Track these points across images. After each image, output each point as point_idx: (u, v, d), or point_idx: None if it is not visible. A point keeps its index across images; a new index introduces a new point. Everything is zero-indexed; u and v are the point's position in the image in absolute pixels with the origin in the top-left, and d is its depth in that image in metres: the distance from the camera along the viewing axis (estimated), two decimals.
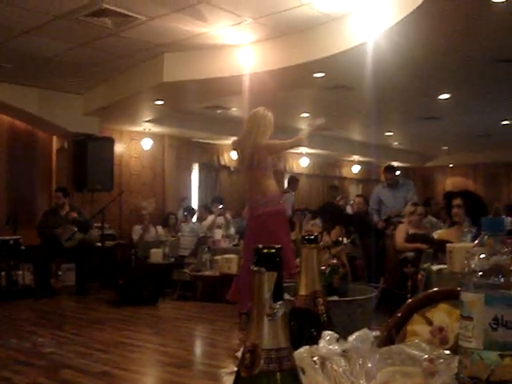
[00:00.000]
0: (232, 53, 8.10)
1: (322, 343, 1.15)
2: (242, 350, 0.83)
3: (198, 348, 6.12)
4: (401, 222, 7.89)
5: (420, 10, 5.85)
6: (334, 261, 1.59)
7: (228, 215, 10.97)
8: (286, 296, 1.49)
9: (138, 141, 12.56)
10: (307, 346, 1.14)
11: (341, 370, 1.10)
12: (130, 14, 6.90)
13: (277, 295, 0.78)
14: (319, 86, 9.14)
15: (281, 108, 11.23)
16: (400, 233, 7.66)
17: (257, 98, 9.76)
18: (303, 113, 12.13)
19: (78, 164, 10.94)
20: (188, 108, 11.24)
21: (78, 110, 10.66)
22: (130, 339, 5.87)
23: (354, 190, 18.61)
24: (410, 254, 7.30)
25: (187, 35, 7.69)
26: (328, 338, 1.17)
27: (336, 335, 1.17)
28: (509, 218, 10.84)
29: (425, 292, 1.82)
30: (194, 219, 11.94)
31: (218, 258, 8.39)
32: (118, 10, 6.78)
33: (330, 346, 1.14)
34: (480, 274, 1.13)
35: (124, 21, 7.13)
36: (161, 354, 5.47)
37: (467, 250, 1.19)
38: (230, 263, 8.08)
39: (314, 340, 1.17)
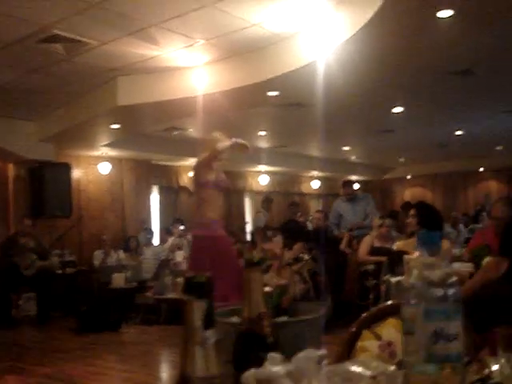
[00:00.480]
0: (185, 74, 8.11)
1: (266, 365, 1.16)
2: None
3: (163, 373, 6.06)
4: (365, 235, 7.97)
5: (368, 27, 5.94)
6: (282, 282, 1.61)
7: (189, 236, 10.92)
8: (233, 319, 1.50)
9: (96, 165, 12.46)
10: (253, 369, 1.15)
11: None
12: (82, 39, 6.88)
13: (208, 323, 0.79)
14: (274, 104, 9.21)
15: (238, 127, 11.31)
16: (364, 245, 7.73)
17: (213, 119, 9.84)
18: (260, 131, 12.20)
19: (36, 191, 10.83)
20: (145, 131, 11.22)
21: (33, 136, 10.53)
22: (93, 367, 5.79)
23: (314, 206, 18.70)
24: (371, 267, 7.38)
25: (140, 58, 7.69)
26: (272, 359, 1.18)
27: (280, 357, 1.18)
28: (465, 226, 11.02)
29: (375, 307, 1.84)
30: (156, 242, 11.88)
31: (180, 280, 8.34)
32: (70, 35, 6.75)
33: (275, 368, 1.15)
34: (418, 288, 1.15)
35: (76, 46, 7.10)
36: (125, 380, 5.40)
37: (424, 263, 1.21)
38: None
39: (260, 363, 1.18)
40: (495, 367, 1.27)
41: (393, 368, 1.17)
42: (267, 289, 1.47)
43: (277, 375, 1.14)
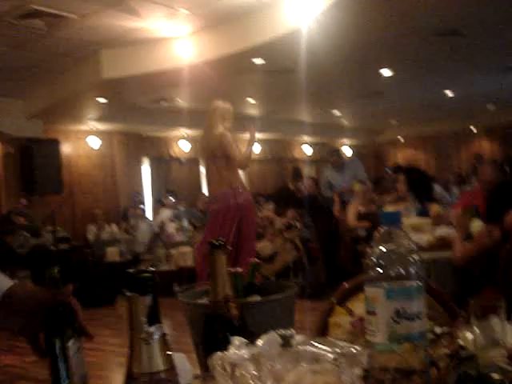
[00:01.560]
0: (169, 45, 8.03)
1: (231, 349, 1.15)
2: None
3: None
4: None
5: None
6: (255, 259, 1.59)
7: (181, 207, 10.92)
8: (203, 301, 1.49)
9: (85, 140, 12.37)
10: (218, 353, 1.14)
11: (249, 375, 1.10)
12: (61, 13, 6.78)
13: (153, 319, 0.77)
14: (260, 71, 9.13)
15: (225, 95, 11.19)
16: (350, 211, 7.73)
17: (199, 88, 9.78)
18: (248, 98, 12.12)
19: (26, 168, 10.78)
20: (132, 103, 11.12)
21: (20, 114, 10.45)
22: (89, 343, 5.79)
23: (307, 171, 18.67)
24: (362, 233, 7.38)
25: (122, 31, 7.60)
26: (237, 343, 1.17)
27: (245, 340, 1.17)
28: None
29: (351, 280, 1.83)
30: (149, 214, 11.88)
31: (173, 251, 8.36)
32: (48, 10, 6.65)
33: (239, 352, 1.14)
34: (379, 267, 1.13)
35: (56, 21, 7.00)
36: (119, 355, 5.43)
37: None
38: (186, 256, 8.06)
39: (227, 345, 1.17)
40: (469, 336, 1.26)
41: (358, 348, 1.16)
42: (238, 269, 1.45)
43: (241, 358, 1.13)
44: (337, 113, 15.65)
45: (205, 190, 14.57)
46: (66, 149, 11.88)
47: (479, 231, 4.02)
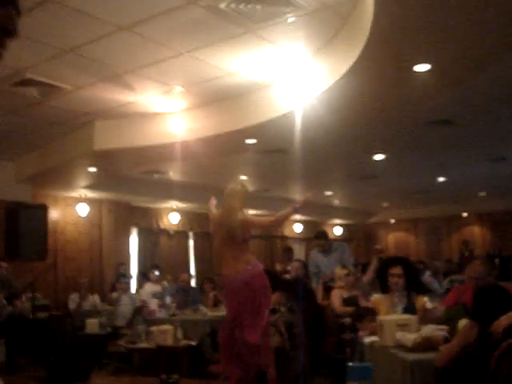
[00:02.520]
0: (163, 120, 8.03)
1: None
2: None
3: None
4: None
5: (346, 77, 5.89)
6: None
7: (165, 283, 10.72)
8: None
9: (74, 206, 12.27)
10: None
11: None
12: (56, 83, 6.80)
13: None
14: (252, 151, 9.14)
15: (218, 172, 11.25)
16: (335, 298, 7.57)
17: (192, 163, 9.77)
18: (240, 175, 12.10)
19: (10, 232, 10.62)
20: (124, 173, 11.07)
21: (9, 176, 10.41)
22: None
23: (297, 250, 18.56)
24: (347, 321, 7.20)
25: (116, 104, 7.61)
26: None
27: None
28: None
29: None
30: (133, 287, 11.67)
31: (153, 329, 8.13)
32: (43, 79, 6.68)
33: None
34: None
35: (50, 90, 7.02)
36: None
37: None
38: (166, 335, 7.84)
39: None
40: None
41: None
42: None
43: None
44: (329, 193, 15.66)
45: (192, 267, 14.48)
46: (53, 215, 11.77)
47: (463, 325, 3.90)
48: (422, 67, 5.58)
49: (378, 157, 10.86)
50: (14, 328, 8.91)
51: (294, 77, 6.73)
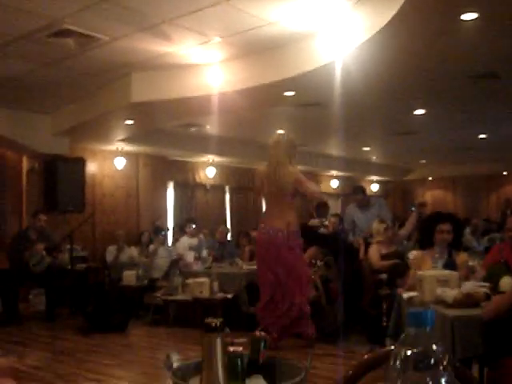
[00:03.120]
0: (200, 72, 7.92)
1: None
2: None
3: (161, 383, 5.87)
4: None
5: (387, 27, 5.72)
6: (258, 333, 1.40)
7: (202, 236, 10.74)
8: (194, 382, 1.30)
9: (111, 160, 12.32)
10: None
11: None
12: (93, 34, 6.72)
13: None
14: (291, 103, 9.00)
15: (255, 125, 11.15)
16: (374, 252, 7.49)
17: (230, 116, 9.67)
18: (277, 129, 11.97)
19: (49, 185, 10.73)
20: (161, 126, 11.04)
21: (47, 130, 10.43)
22: (91, 373, 5.62)
23: (333, 205, 18.46)
24: (385, 276, 7.14)
25: (153, 55, 7.51)
26: None
27: None
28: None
29: (374, 352, 1.70)
30: (170, 240, 11.73)
31: (189, 281, 8.17)
32: (80, 30, 6.60)
33: None
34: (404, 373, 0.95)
35: (87, 41, 6.94)
36: None
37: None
38: (202, 287, 7.87)
39: None
40: None
41: None
42: (239, 348, 1.26)
43: None
44: (366, 148, 15.47)
45: (228, 221, 14.48)
46: (90, 168, 11.83)
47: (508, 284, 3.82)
48: (469, 16, 5.38)
49: (418, 112, 10.64)
50: (53, 279, 9.03)
51: (335, 27, 6.55)
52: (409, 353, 0.93)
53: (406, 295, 4.82)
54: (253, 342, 1.36)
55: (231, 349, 1.23)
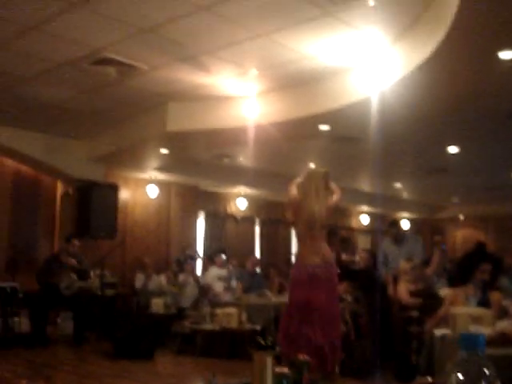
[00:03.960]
0: (236, 104, 8.02)
1: None
2: None
3: None
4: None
5: (426, 65, 5.76)
6: (304, 357, 1.41)
7: (231, 267, 10.75)
8: None
9: (144, 188, 12.44)
10: None
11: None
12: (133, 63, 6.88)
13: None
14: (325, 138, 9.04)
15: (287, 158, 11.19)
16: (403, 289, 7.44)
17: (262, 148, 9.73)
18: (310, 163, 12.01)
19: (82, 210, 10.85)
20: (194, 156, 11.14)
21: (82, 155, 10.61)
22: None
23: (363, 241, 18.37)
24: (415, 313, 7.07)
25: (191, 85, 7.64)
26: None
27: None
28: None
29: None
30: (199, 269, 11.75)
31: (218, 311, 8.17)
32: (121, 59, 6.76)
33: None
34: None
35: (127, 70, 7.10)
36: None
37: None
38: (230, 317, 7.87)
39: None
40: None
41: None
42: (284, 370, 1.28)
43: None
44: (397, 185, 15.41)
45: (257, 252, 14.47)
46: (123, 195, 11.95)
47: None
48: (506, 54, 5.39)
49: (452, 149, 10.59)
50: (82, 303, 9.09)
51: (372, 63, 6.61)
52: (461, 377, 0.94)
53: (438, 333, 4.78)
54: (296, 365, 1.38)
55: (277, 369, 1.25)
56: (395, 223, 9.12)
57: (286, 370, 1.27)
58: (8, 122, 9.47)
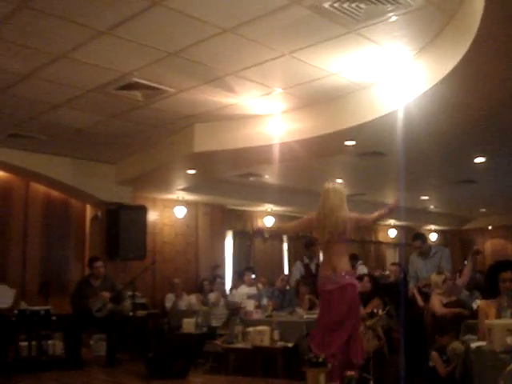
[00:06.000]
0: (262, 122, 8.09)
1: None
2: None
3: None
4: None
5: (450, 78, 5.77)
6: (351, 373, 1.45)
7: (260, 285, 10.77)
8: None
9: (172, 208, 12.55)
10: None
11: None
12: (159, 86, 6.98)
13: None
14: (351, 153, 9.06)
15: (313, 174, 11.22)
16: (436, 301, 7.40)
17: (288, 166, 9.78)
18: (336, 178, 12.02)
19: (111, 232, 10.94)
20: (221, 176, 11.22)
21: (110, 179, 10.76)
22: None
23: (390, 255, 18.30)
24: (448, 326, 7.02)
25: (217, 106, 7.73)
26: None
27: None
28: None
29: None
30: (228, 288, 11.76)
31: (250, 329, 8.17)
32: (148, 83, 6.87)
33: None
34: None
35: (153, 93, 7.21)
36: None
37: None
38: (263, 335, 7.86)
39: None
40: None
41: None
42: None
43: None
44: (424, 197, 15.35)
45: (286, 271, 14.45)
46: (151, 216, 12.05)
47: None
48: None
49: (479, 160, 10.56)
50: (114, 325, 9.16)
51: (396, 77, 6.64)
52: None
53: (473, 345, 4.76)
54: (345, 381, 1.41)
55: None
56: (419, 236, 9.08)
57: None
58: (38, 148, 9.64)
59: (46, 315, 8.89)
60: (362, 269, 10.95)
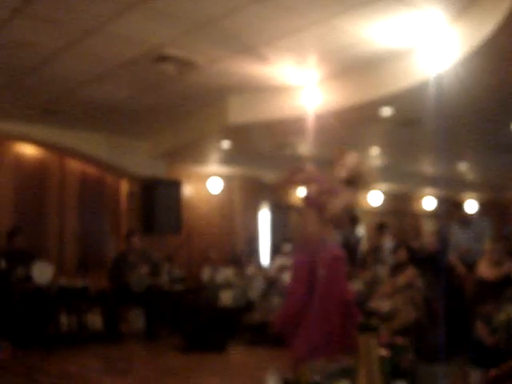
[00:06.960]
0: (296, 93, 7.98)
1: None
2: None
3: None
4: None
5: (489, 42, 5.61)
6: (401, 341, 1.38)
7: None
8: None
9: (206, 182, 12.51)
10: None
11: None
12: (191, 58, 6.91)
13: None
14: (387, 122, 8.89)
15: (349, 145, 11.04)
16: (484, 265, 7.30)
17: (324, 136, 9.64)
18: (372, 148, 11.87)
19: (147, 207, 10.99)
20: (255, 148, 11.14)
21: (145, 153, 10.78)
22: None
23: (428, 226, 18.07)
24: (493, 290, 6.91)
25: (250, 77, 7.63)
26: None
27: None
28: None
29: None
30: (265, 261, 11.74)
31: None
32: (179, 55, 6.80)
33: None
34: None
35: (186, 66, 7.12)
36: None
37: None
38: None
39: None
40: None
41: None
42: (383, 352, 1.25)
43: None
44: (462, 166, 15.08)
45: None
46: (187, 190, 12.04)
47: None
48: None
49: None
50: (152, 299, 9.23)
51: (433, 42, 6.46)
52: None
53: None
54: (394, 349, 1.35)
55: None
56: (459, 206, 8.94)
57: (385, 352, 1.24)
58: (72, 125, 9.67)
59: (85, 290, 9.01)
60: (389, 241, 10.80)
